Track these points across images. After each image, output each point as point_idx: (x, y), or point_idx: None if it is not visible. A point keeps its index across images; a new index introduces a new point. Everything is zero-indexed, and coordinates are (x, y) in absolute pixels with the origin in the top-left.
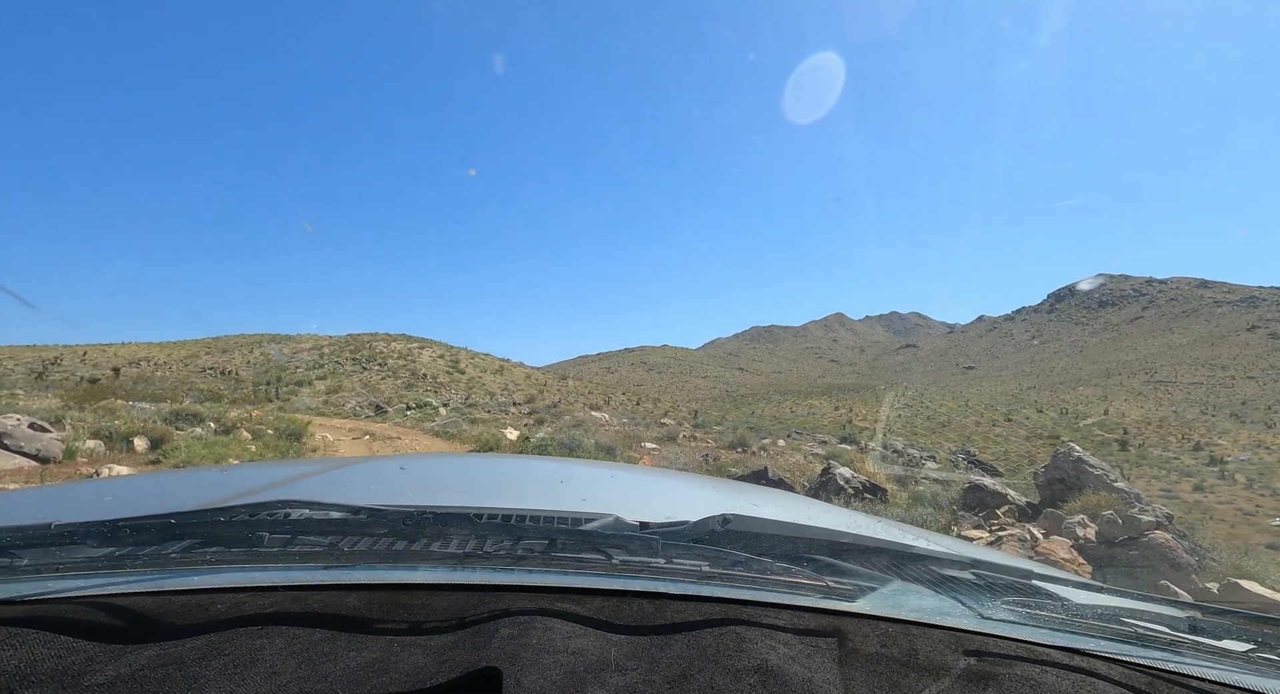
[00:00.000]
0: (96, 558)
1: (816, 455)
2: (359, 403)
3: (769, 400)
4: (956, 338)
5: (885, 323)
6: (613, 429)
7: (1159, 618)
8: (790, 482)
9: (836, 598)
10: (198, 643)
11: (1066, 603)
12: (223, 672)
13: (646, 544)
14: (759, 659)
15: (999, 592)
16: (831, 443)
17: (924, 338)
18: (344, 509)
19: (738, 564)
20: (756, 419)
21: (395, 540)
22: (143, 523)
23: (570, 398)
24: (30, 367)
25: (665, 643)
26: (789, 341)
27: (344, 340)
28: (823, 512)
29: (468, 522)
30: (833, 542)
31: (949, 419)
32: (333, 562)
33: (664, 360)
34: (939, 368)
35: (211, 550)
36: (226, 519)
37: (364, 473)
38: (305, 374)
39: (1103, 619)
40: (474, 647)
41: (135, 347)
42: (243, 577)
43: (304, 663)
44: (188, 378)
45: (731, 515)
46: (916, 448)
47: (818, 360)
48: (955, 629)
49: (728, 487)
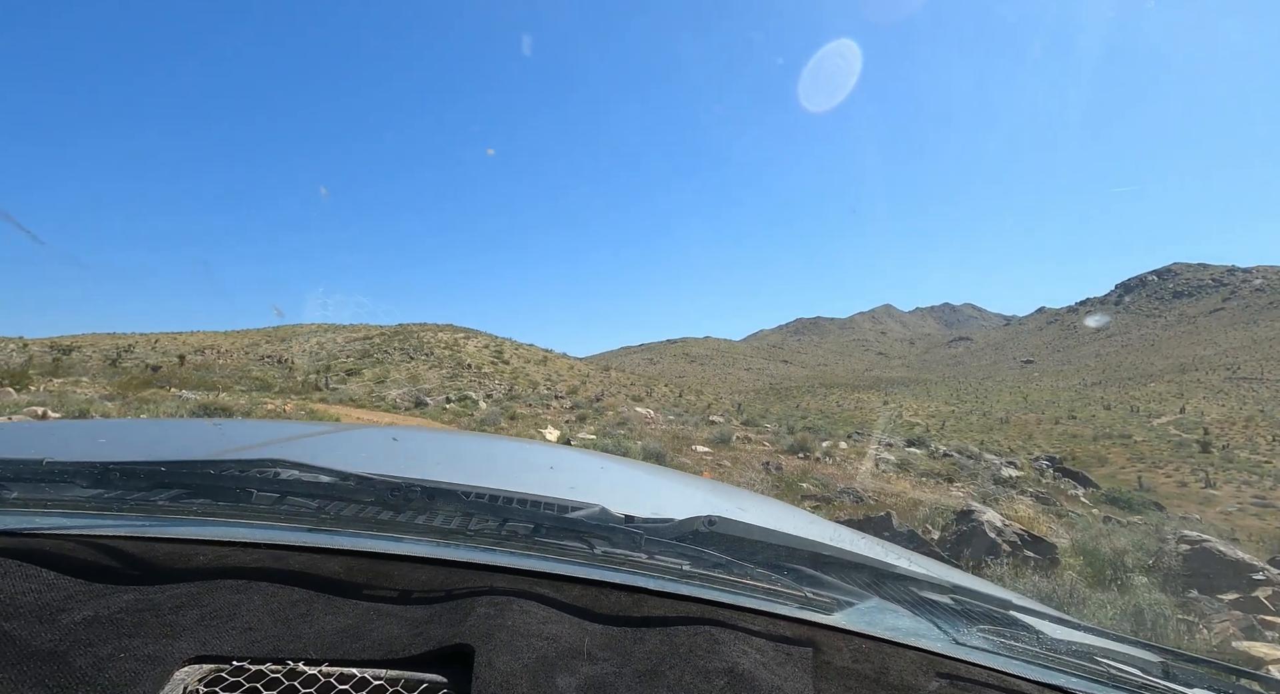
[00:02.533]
0: (84, 498)
1: (887, 462)
2: (400, 395)
3: (814, 394)
4: (1014, 330)
5: (936, 314)
6: (659, 428)
7: (1132, 660)
8: (917, 532)
9: (814, 609)
10: (177, 592)
11: (1042, 636)
12: (199, 622)
13: (630, 538)
14: (731, 662)
15: (976, 619)
16: (898, 445)
17: (978, 330)
18: (333, 474)
19: (718, 566)
20: (802, 413)
21: (381, 509)
22: (133, 468)
23: (613, 389)
24: (106, 354)
25: (639, 637)
26: (835, 334)
27: (393, 330)
28: (808, 523)
29: (455, 498)
30: (815, 553)
31: (1008, 415)
32: (318, 524)
33: (706, 352)
34: (994, 362)
35: (198, 502)
36: (216, 472)
37: (356, 440)
38: (355, 363)
39: (1077, 656)
40: (450, 622)
41: (203, 335)
42: (227, 531)
43: (280, 622)
44: (246, 366)
45: (717, 517)
46: (992, 451)
47: (865, 353)
48: (929, 652)
49: (717, 488)
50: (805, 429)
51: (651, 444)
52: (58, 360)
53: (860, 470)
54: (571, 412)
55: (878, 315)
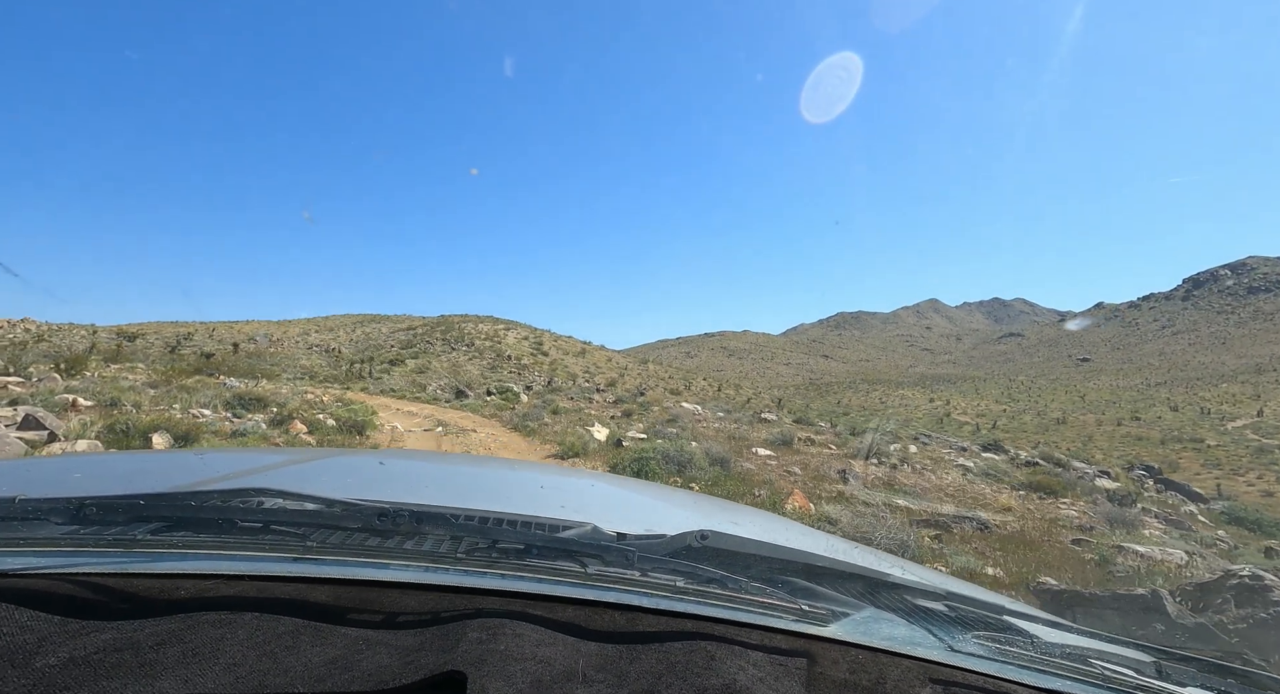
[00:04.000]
0: (60, 535)
1: (967, 469)
2: (440, 386)
3: (856, 390)
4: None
5: (985, 309)
6: (711, 426)
7: (1126, 661)
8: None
9: (809, 622)
10: (157, 629)
11: (1036, 641)
12: (180, 660)
13: (622, 556)
14: (728, 678)
15: (971, 625)
16: (973, 450)
17: (1030, 326)
18: (318, 501)
19: (712, 582)
20: (844, 409)
21: (368, 536)
22: (111, 502)
23: (651, 382)
24: (167, 341)
25: (634, 656)
26: (877, 328)
27: (435, 321)
28: (800, 534)
29: (443, 521)
30: (809, 565)
31: (1064, 415)
32: (303, 554)
33: (745, 346)
34: (1048, 359)
35: (179, 535)
36: (198, 503)
37: (342, 466)
38: (399, 353)
39: (1071, 659)
40: (441, 649)
41: (257, 324)
42: (209, 564)
43: (265, 656)
44: (295, 354)
45: (709, 532)
46: (1081, 459)
47: (909, 349)
48: (925, 660)
49: (708, 503)
50: (874, 431)
51: (713, 447)
52: (119, 347)
53: (945, 481)
54: (616, 406)
55: (923, 310)
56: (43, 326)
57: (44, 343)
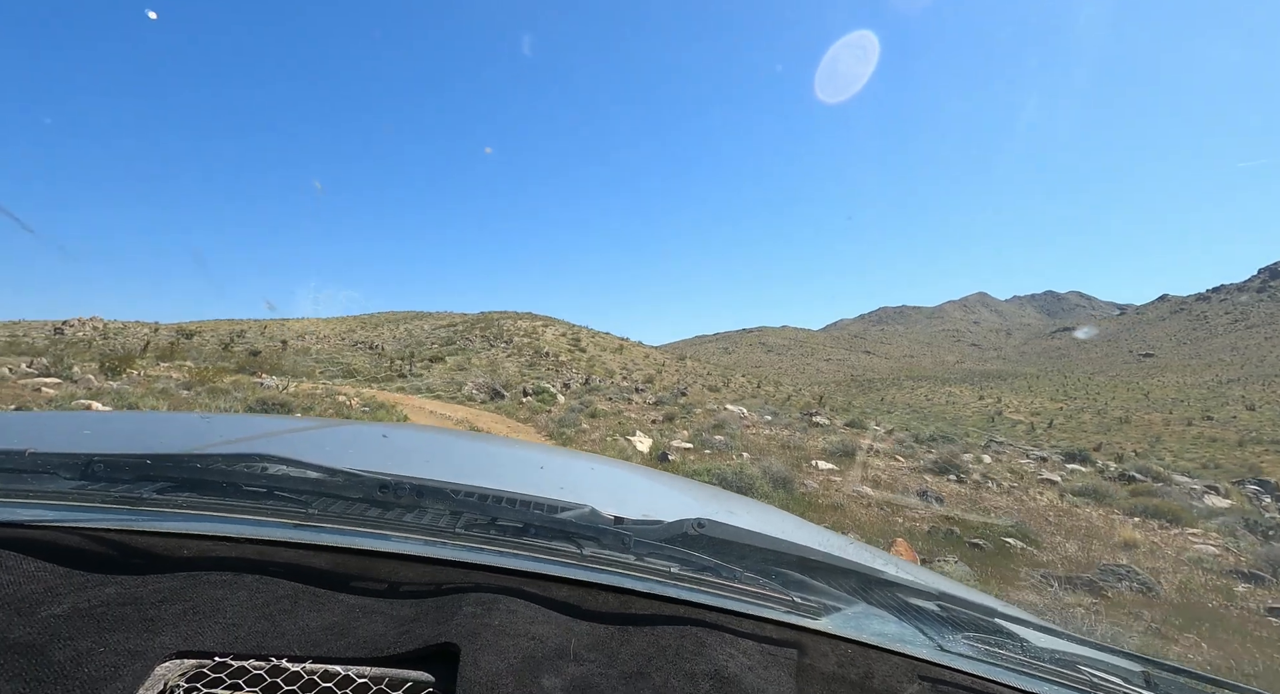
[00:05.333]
0: (67, 490)
1: (1051, 484)
2: (475, 385)
3: (900, 386)
4: (1129, 320)
5: (1038, 303)
6: (760, 432)
7: (1114, 669)
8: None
9: (801, 614)
10: (160, 586)
11: (1026, 644)
12: (181, 617)
13: (618, 539)
14: (717, 665)
15: (961, 625)
16: (1054, 461)
17: (1087, 320)
18: (322, 470)
19: (707, 569)
20: (888, 407)
21: (369, 507)
22: (118, 460)
23: (689, 379)
24: (221, 339)
25: (626, 638)
26: (922, 323)
27: (475, 318)
28: (796, 527)
29: (443, 496)
30: (803, 558)
31: (1127, 415)
32: (304, 520)
33: (783, 342)
34: (1107, 355)
35: (184, 496)
36: (203, 466)
37: (346, 436)
38: (439, 350)
39: (1060, 664)
40: (436, 621)
41: (306, 322)
42: (213, 526)
43: (264, 618)
44: (340, 351)
45: (706, 520)
46: (1182, 471)
47: (955, 344)
48: (914, 657)
49: (706, 492)
50: (937, 438)
51: (772, 464)
52: (174, 344)
53: (1040, 502)
54: (656, 409)
55: (970, 304)
56: (109, 324)
57: (109, 341)
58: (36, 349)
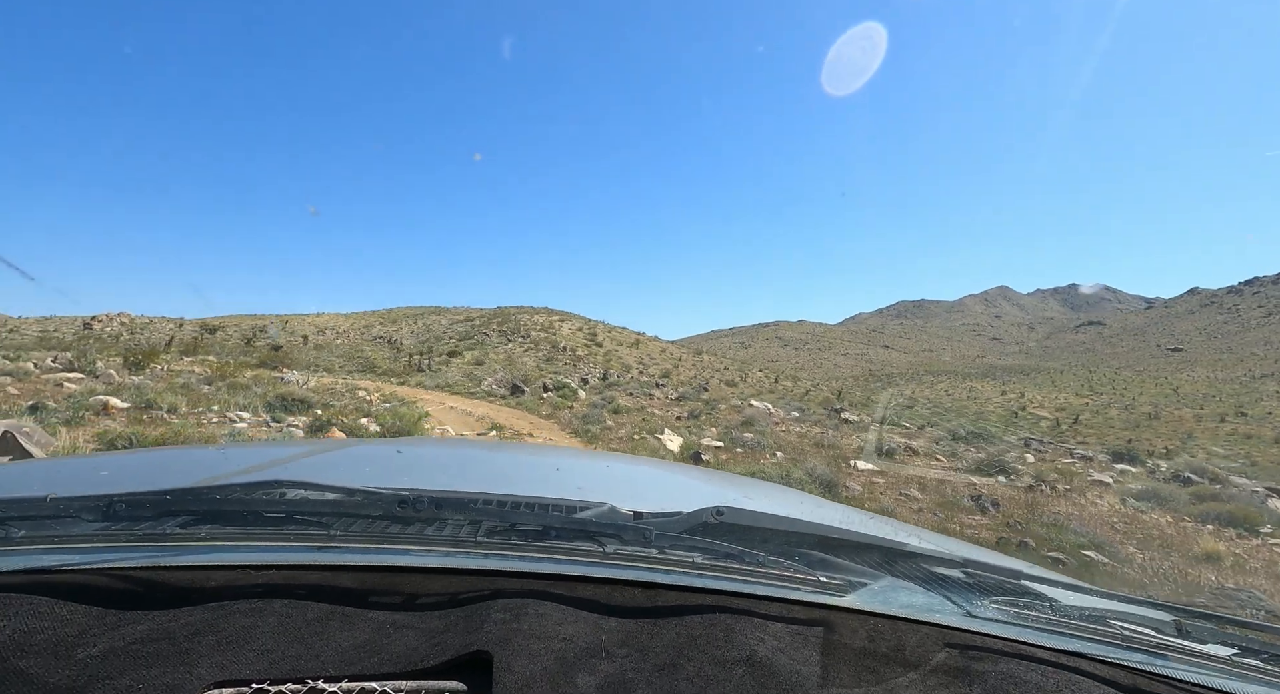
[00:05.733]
0: (92, 532)
1: (1106, 486)
2: (495, 380)
3: (920, 381)
4: (1157, 314)
5: (1061, 297)
6: (790, 429)
7: (1145, 621)
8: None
9: (827, 592)
10: (191, 619)
11: (1055, 603)
12: (215, 648)
13: (640, 534)
14: (748, 650)
15: (989, 590)
16: (1100, 460)
17: (1112, 314)
18: (339, 490)
19: (730, 556)
20: (909, 402)
21: (390, 523)
22: (139, 498)
23: (706, 373)
24: (244, 333)
25: (656, 631)
26: (941, 317)
27: (492, 312)
28: (815, 506)
29: (462, 506)
30: (825, 537)
31: (1156, 410)
32: (327, 542)
33: (800, 336)
34: (1133, 349)
35: (206, 528)
36: (222, 497)
37: (359, 456)
38: (457, 345)
39: (1090, 620)
40: (466, 630)
41: (327, 317)
42: (237, 555)
43: (296, 641)
44: (359, 346)
45: (725, 508)
46: (1239, 471)
47: (976, 338)
48: (943, 626)
49: (720, 478)
50: (975, 436)
51: (815, 466)
52: (197, 339)
53: (1101, 508)
54: (680, 405)
55: (991, 297)
56: (137, 320)
57: (135, 336)
58: (66, 344)
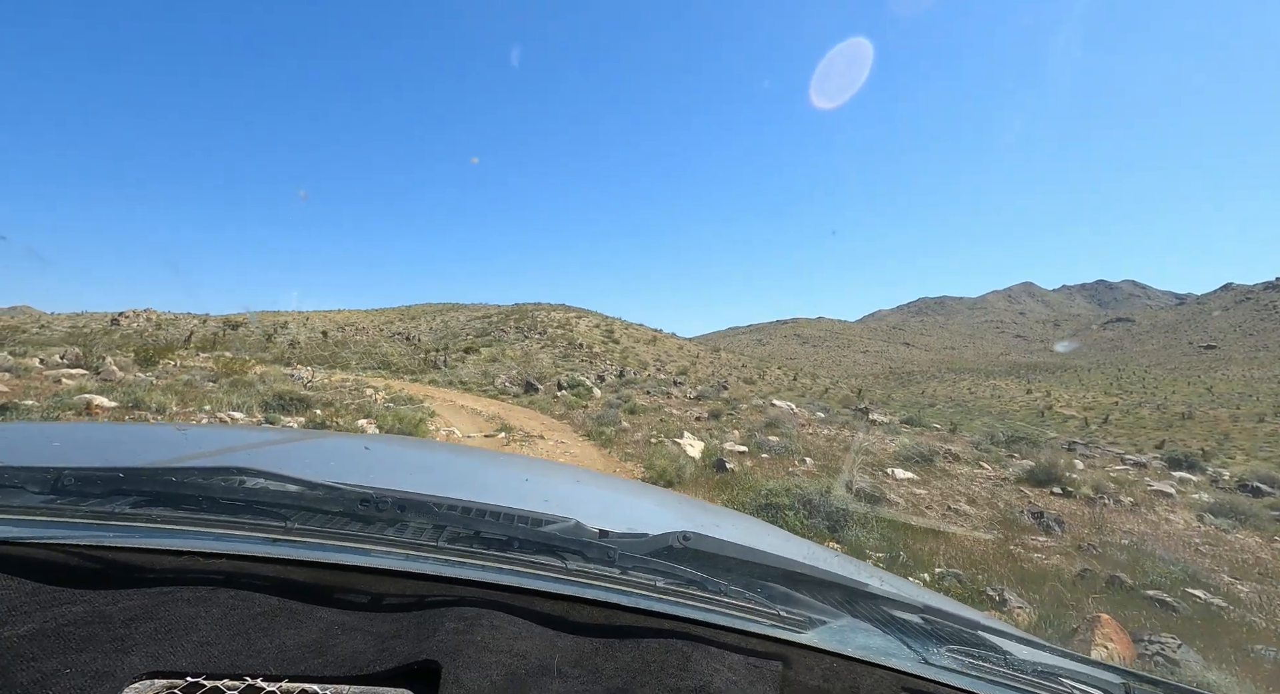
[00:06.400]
0: (36, 505)
1: (1164, 496)
2: (509, 378)
3: (941, 379)
4: (1189, 310)
5: (1088, 293)
6: (818, 432)
7: (1096, 682)
8: None
9: (787, 627)
10: (130, 603)
11: (1009, 657)
12: (152, 636)
13: (603, 553)
14: (702, 680)
15: (945, 639)
16: (1154, 467)
17: (1141, 310)
18: (301, 483)
19: (692, 583)
20: (930, 400)
21: (350, 521)
22: (89, 473)
23: (724, 371)
24: (266, 330)
25: (610, 654)
26: (963, 314)
27: (510, 309)
28: (783, 540)
29: (426, 510)
30: (789, 571)
31: (1190, 410)
32: (283, 535)
33: (819, 333)
34: (1164, 346)
35: (158, 510)
36: (178, 479)
37: (326, 448)
38: (474, 341)
39: (1042, 677)
40: (417, 638)
41: (348, 313)
42: (187, 541)
43: (239, 635)
44: (377, 342)
45: (692, 533)
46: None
47: (1000, 335)
48: (898, 671)
49: (691, 504)
50: (1017, 439)
51: (854, 477)
52: (217, 335)
53: (1175, 525)
54: (699, 404)
55: (1015, 294)
56: (162, 316)
57: (160, 332)
58: (88, 340)
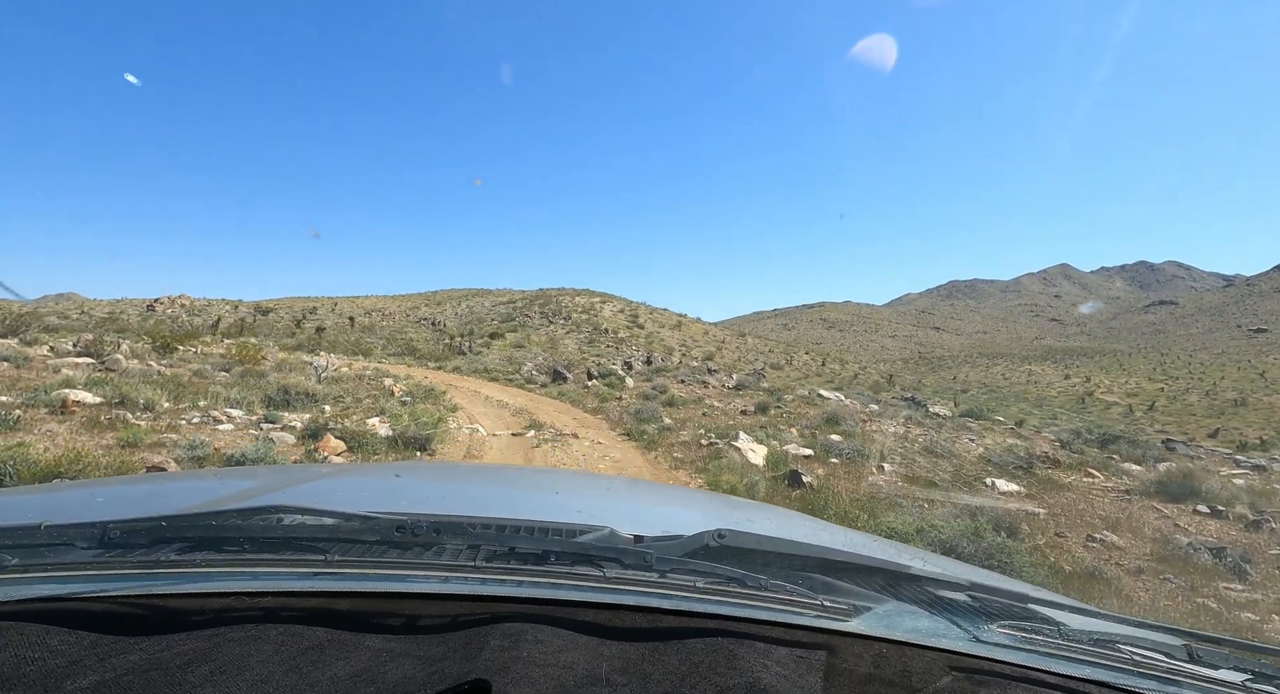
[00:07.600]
0: (86, 560)
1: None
2: (535, 366)
3: (973, 364)
4: (1237, 292)
5: (1128, 275)
6: (885, 431)
7: (1156, 645)
8: None
9: (831, 617)
10: (184, 648)
11: (1063, 628)
12: (209, 678)
13: (640, 558)
14: (751, 677)
15: (995, 615)
16: (1276, 468)
17: (1185, 293)
18: (336, 515)
19: (732, 580)
20: (962, 386)
21: (387, 548)
22: (133, 525)
23: (750, 356)
24: (295, 315)
25: (657, 658)
26: (995, 297)
27: (534, 294)
28: (819, 529)
29: (461, 531)
30: (828, 560)
31: (1242, 396)
32: (324, 569)
33: (846, 317)
34: (1210, 330)
35: (201, 555)
36: (218, 523)
37: (358, 480)
38: (499, 327)
39: (1098, 645)
40: (464, 658)
41: (375, 299)
42: (233, 583)
43: (291, 670)
44: (403, 328)
45: (727, 531)
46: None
47: (1034, 319)
48: (949, 651)
49: (720, 501)
50: (1114, 438)
51: (960, 495)
52: (243, 322)
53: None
54: (740, 395)
55: (1050, 276)
56: (195, 302)
57: (192, 317)
58: (125, 325)
